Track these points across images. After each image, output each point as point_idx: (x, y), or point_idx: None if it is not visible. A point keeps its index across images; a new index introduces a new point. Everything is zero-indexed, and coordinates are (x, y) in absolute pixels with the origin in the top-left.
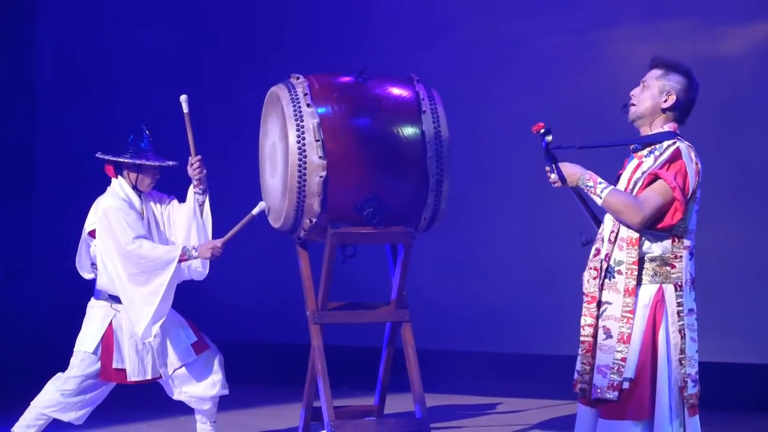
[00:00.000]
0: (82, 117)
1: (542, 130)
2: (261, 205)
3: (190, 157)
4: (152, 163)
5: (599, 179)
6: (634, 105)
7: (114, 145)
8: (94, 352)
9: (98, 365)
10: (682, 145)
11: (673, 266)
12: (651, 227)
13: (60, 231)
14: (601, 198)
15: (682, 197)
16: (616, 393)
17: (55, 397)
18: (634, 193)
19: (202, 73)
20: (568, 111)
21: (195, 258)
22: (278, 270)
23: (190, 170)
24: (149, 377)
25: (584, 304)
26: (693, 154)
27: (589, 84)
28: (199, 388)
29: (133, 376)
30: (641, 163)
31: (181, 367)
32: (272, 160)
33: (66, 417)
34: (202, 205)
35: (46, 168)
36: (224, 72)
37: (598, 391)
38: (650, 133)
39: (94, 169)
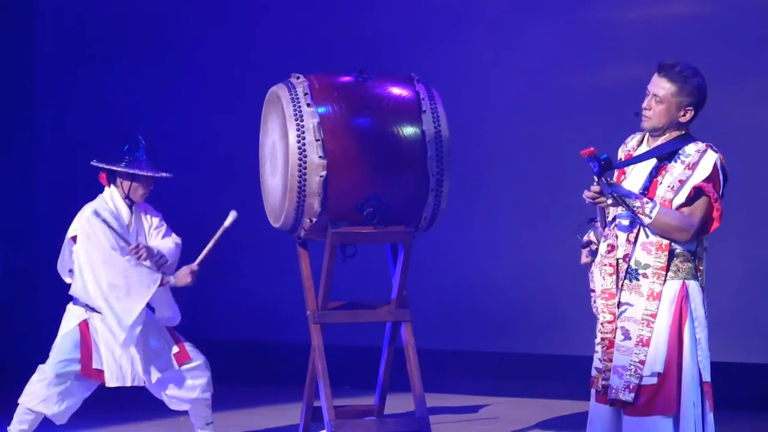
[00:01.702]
0: (82, 115)
1: (593, 155)
2: (232, 215)
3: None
4: (146, 174)
5: (645, 198)
6: (648, 118)
7: (109, 154)
8: (72, 339)
9: (76, 354)
10: (713, 152)
11: (699, 269)
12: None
13: (61, 230)
14: (650, 218)
15: (721, 206)
16: (632, 395)
17: (35, 388)
18: (674, 202)
19: (202, 73)
20: (569, 111)
21: (173, 285)
22: (278, 270)
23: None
24: (128, 384)
25: (601, 301)
26: (722, 159)
27: (590, 84)
28: (180, 391)
29: (112, 382)
30: (666, 166)
31: (162, 375)
32: (272, 159)
33: (48, 410)
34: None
35: (46, 166)
36: (224, 71)
37: (614, 391)
38: (664, 137)
39: (95, 168)
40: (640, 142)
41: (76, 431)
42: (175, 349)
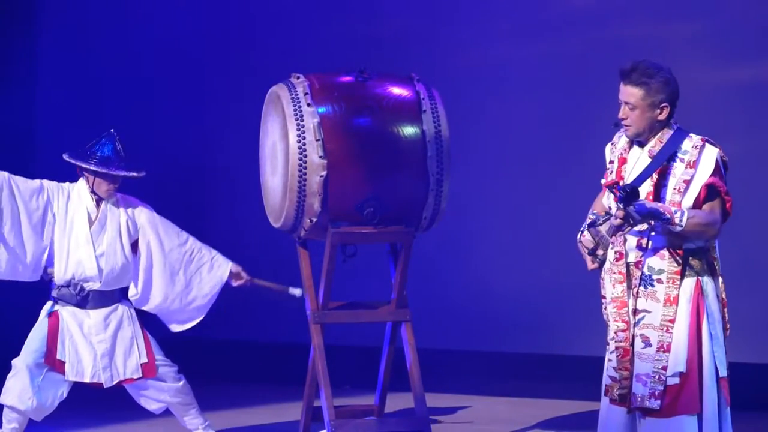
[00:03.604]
0: (82, 115)
1: (617, 185)
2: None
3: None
4: (102, 170)
5: (672, 208)
6: (629, 126)
7: (81, 149)
8: (41, 331)
9: (44, 347)
10: (711, 147)
11: (713, 258)
12: None
13: None
14: (682, 226)
15: (731, 197)
16: (658, 402)
17: (8, 384)
18: (683, 204)
19: (203, 73)
20: (570, 111)
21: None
22: (278, 269)
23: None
24: (86, 380)
25: (612, 309)
26: (721, 152)
27: (592, 84)
28: (148, 391)
29: (71, 375)
30: (667, 167)
31: (126, 380)
32: (273, 159)
33: (22, 405)
34: None
35: (46, 166)
36: (224, 71)
37: (639, 399)
38: (655, 139)
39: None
40: (630, 143)
41: (75, 431)
42: (144, 359)
